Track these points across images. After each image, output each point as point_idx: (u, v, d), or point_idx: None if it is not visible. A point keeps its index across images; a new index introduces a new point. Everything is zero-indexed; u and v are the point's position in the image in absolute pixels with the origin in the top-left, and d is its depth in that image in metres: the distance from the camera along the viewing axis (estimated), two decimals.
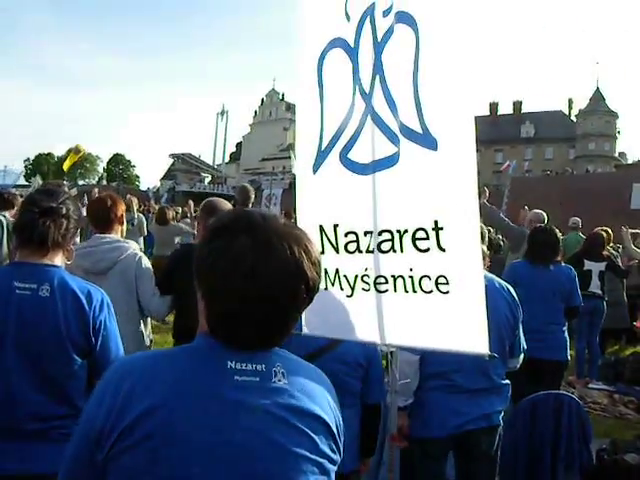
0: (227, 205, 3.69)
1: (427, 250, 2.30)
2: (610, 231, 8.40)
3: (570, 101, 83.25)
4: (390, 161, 2.39)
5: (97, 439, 1.16)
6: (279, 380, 1.22)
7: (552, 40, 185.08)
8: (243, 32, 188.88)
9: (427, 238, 2.29)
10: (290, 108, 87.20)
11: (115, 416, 1.15)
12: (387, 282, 2.44)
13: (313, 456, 1.22)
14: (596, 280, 7.10)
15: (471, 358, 2.63)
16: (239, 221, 1.22)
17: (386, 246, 2.42)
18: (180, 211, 12.60)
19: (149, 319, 3.76)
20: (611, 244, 8.93)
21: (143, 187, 79.89)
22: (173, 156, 73.22)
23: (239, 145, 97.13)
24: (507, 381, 3.13)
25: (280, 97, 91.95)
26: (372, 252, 2.46)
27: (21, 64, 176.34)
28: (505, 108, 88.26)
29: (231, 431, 1.16)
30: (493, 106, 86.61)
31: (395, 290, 2.42)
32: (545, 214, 7.40)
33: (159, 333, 7.79)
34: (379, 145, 2.43)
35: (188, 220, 10.31)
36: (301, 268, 1.19)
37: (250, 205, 6.91)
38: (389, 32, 2.38)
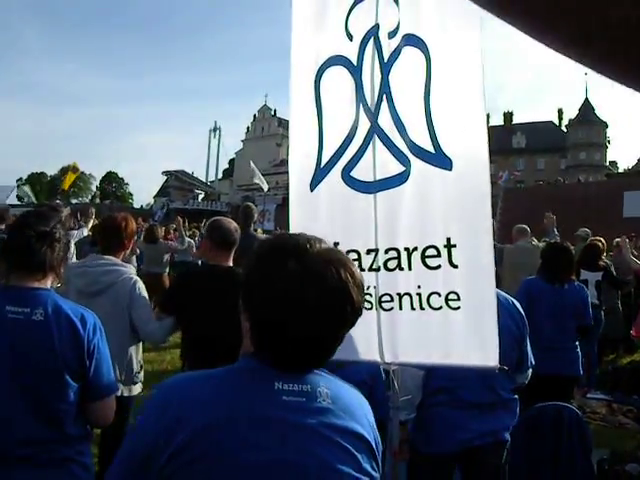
0: (232, 224, 3.69)
1: (438, 267, 2.36)
2: (604, 241, 8.46)
3: (560, 111, 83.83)
4: (398, 180, 2.42)
5: (146, 461, 1.19)
6: (323, 400, 1.26)
7: (540, 50, 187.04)
8: (234, 49, 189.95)
9: (438, 255, 2.35)
10: (282, 124, 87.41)
11: (165, 438, 1.17)
12: (392, 300, 2.45)
13: (357, 474, 1.25)
14: (593, 290, 7.13)
15: (477, 373, 2.67)
16: (287, 246, 1.26)
17: (392, 264, 2.45)
18: (173, 228, 12.56)
19: (140, 344, 3.72)
20: (604, 254, 8.98)
21: (136, 205, 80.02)
22: (166, 173, 73.02)
23: (232, 161, 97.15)
24: (515, 396, 3.10)
25: (272, 113, 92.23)
26: (375, 270, 2.47)
27: (10, 84, 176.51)
28: (496, 119, 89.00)
29: (282, 450, 1.19)
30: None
31: (400, 308, 2.44)
32: (528, 228, 7.55)
33: (156, 350, 7.77)
34: (385, 163, 2.46)
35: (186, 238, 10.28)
36: (348, 292, 1.22)
37: (251, 226, 6.92)
38: (396, 53, 2.43)
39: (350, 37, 2.54)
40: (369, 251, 2.49)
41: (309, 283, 1.19)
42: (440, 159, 2.33)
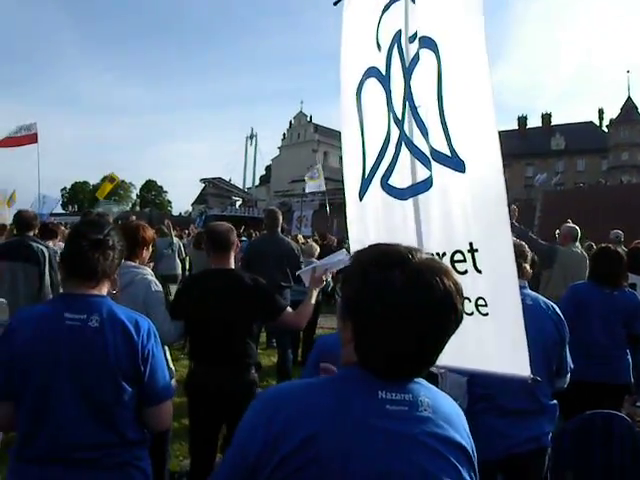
0: (224, 226, 3.90)
1: (465, 272, 2.32)
2: None
3: (601, 111, 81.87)
4: (425, 185, 2.42)
5: (253, 469, 1.21)
6: (425, 409, 1.26)
7: (580, 50, 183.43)
8: (270, 56, 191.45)
9: (464, 260, 2.32)
10: (318, 130, 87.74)
11: (272, 445, 1.19)
12: None
13: None
14: None
15: (519, 381, 2.62)
16: (390, 256, 1.27)
17: None
18: None
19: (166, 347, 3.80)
20: None
21: (175, 212, 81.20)
22: (204, 181, 74.04)
23: (269, 168, 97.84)
24: (554, 401, 3.07)
25: (308, 119, 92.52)
26: None
27: (54, 95, 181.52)
28: (534, 121, 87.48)
29: (389, 460, 1.20)
30: (522, 119, 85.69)
31: None
32: (578, 228, 7.34)
33: (176, 361, 7.80)
34: (414, 170, 2.48)
35: None
36: (453, 300, 1.23)
37: (279, 227, 7.01)
38: (415, 58, 2.42)
39: (379, 47, 2.57)
40: None
41: (415, 294, 1.19)
42: (455, 162, 2.29)
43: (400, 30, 2.47)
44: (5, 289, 5.55)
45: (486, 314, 2.28)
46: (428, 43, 2.35)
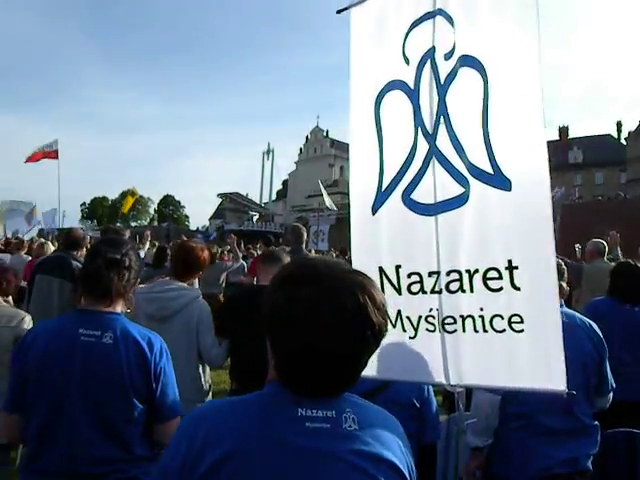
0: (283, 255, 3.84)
1: (499, 289, 2.32)
2: None
3: (619, 124, 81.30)
4: (458, 202, 2.41)
5: None
6: (349, 426, 1.23)
7: (597, 62, 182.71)
8: (285, 71, 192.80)
9: (500, 277, 2.31)
10: (334, 145, 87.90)
11: (190, 465, 1.18)
12: (455, 322, 2.43)
13: None
14: None
15: (553, 397, 2.55)
16: (303, 270, 1.25)
17: (454, 286, 2.43)
18: (228, 250, 12.72)
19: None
20: None
21: (192, 227, 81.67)
22: (221, 196, 74.45)
23: (285, 183, 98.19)
24: (596, 422, 2.98)
25: (324, 134, 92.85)
26: (438, 292, 2.46)
27: (73, 113, 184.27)
28: (551, 134, 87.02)
29: (306, 479, 1.17)
30: None
31: (464, 330, 2.42)
32: (604, 242, 7.25)
33: (214, 370, 7.84)
34: (445, 186, 2.45)
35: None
36: (367, 314, 1.19)
37: (304, 244, 7.01)
38: (452, 74, 2.43)
39: (407, 61, 2.56)
40: (431, 273, 2.48)
41: (325, 307, 1.16)
42: (499, 180, 2.30)
43: (434, 47, 2.49)
44: (40, 302, 5.66)
45: (521, 330, 2.29)
46: (471, 62, 2.38)
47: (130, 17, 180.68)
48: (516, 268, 2.28)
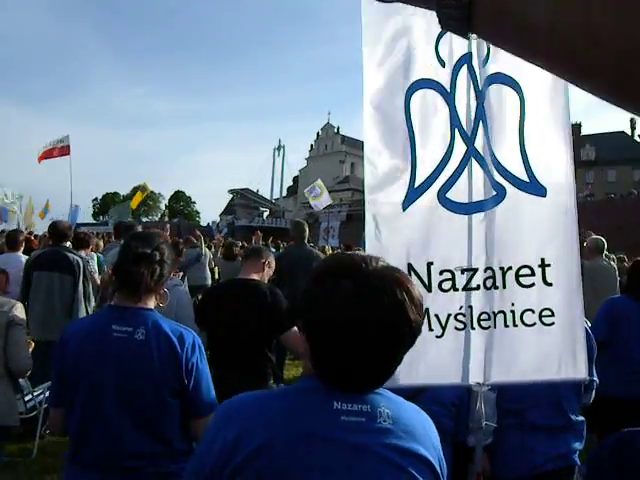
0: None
1: (531, 285, 2.49)
2: None
3: (632, 121, 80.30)
4: (493, 202, 2.51)
5: (209, 478, 1.23)
6: (384, 421, 1.24)
7: None
8: (296, 67, 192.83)
9: (532, 274, 2.49)
10: (345, 141, 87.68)
11: (226, 456, 1.20)
12: (490, 318, 2.49)
13: None
14: None
15: (546, 394, 2.77)
16: (342, 265, 1.26)
17: (488, 283, 2.51)
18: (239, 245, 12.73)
19: None
20: None
21: (203, 222, 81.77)
22: (232, 192, 74.60)
23: (296, 179, 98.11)
24: (582, 418, 3.04)
25: (335, 130, 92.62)
26: (471, 290, 2.51)
27: (85, 110, 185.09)
28: None
29: (341, 472, 1.18)
30: None
31: (495, 326, 2.49)
32: (603, 240, 7.20)
33: None
34: (481, 186, 2.53)
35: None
36: (405, 310, 1.20)
37: (306, 239, 7.05)
38: (489, 81, 2.53)
39: (442, 63, 2.58)
40: (463, 271, 2.52)
41: (364, 302, 1.17)
42: (535, 188, 2.52)
43: (470, 53, 2.54)
44: (41, 298, 5.73)
45: (551, 324, 2.49)
46: (505, 80, 2.54)
47: (141, 14, 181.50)
48: (548, 266, 2.49)
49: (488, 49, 2.54)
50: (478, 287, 2.51)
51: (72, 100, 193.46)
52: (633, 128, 79.51)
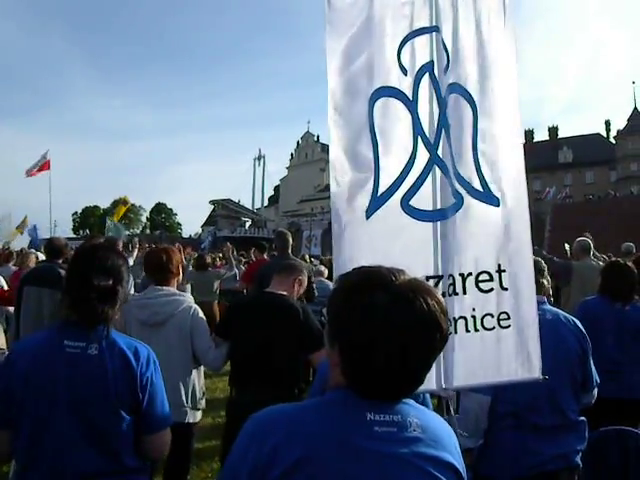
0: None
1: (490, 290, 2.59)
2: None
3: (607, 123, 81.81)
4: (453, 209, 2.56)
5: None
6: (414, 430, 1.27)
7: (584, 62, 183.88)
8: (273, 76, 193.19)
9: (491, 280, 2.59)
10: (325, 149, 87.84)
11: (262, 469, 1.21)
12: (451, 324, 2.49)
13: None
14: None
15: (542, 394, 2.78)
16: (373, 279, 1.28)
17: (450, 290, 2.54)
18: (220, 256, 12.72)
19: (202, 369, 3.82)
20: None
21: (185, 234, 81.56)
22: (213, 202, 74.55)
23: (277, 188, 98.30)
24: (582, 418, 3.03)
25: (315, 139, 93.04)
26: None
27: (63, 123, 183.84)
28: (541, 134, 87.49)
29: None
30: (528, 133, 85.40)
31: (456, 332, 2.52)
32: (589, 240, 7.26)
33: (209, 377, 7.82)
34: (444, 194, 2.56)
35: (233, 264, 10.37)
36: (437, 319, 1.24)
37: (289, 249, 7.04)
38: (449, 91, 2.60)
39: (404, 71, 2.59)
40: (428, 278, 2.51)
41: (399, 313, 1.21)
42: (488, 197, 2.63)
43: (432, 61, 2.59)
44: (31, 313, 5.64)
45: (507, 326, 2.58)
46: (461, 91, 2.65)
47: (116, 25, 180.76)
48: (504, 271, 2.60)
49: (448, 58, 2.61)
50: (443, 294, 2.51)
51: (48, 114, 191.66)
52: (608, 130, 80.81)
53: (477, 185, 2.61)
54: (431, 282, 2.51)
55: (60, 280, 5.72)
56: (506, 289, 2.58)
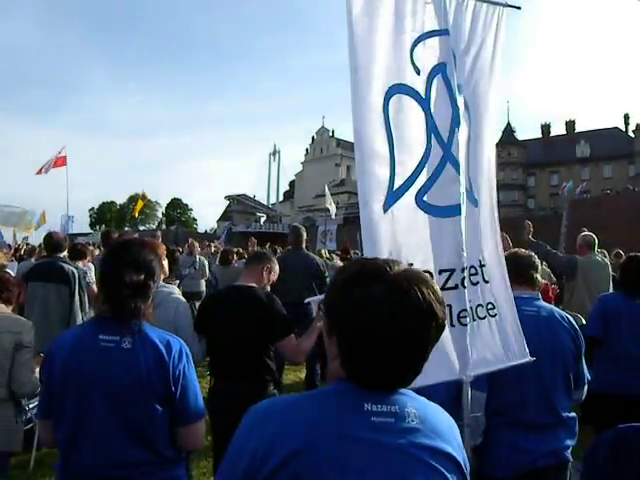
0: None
1: (477, 283, 2.82)
2: None
3: (626, 116, 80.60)
4: (462, 207, 2.73)
5: (246, 478, 1.24)
6: (412, 420, 1.28)
7: (602, 54, 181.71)
8: (289, 72, 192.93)
9: (476, 273, 2.83)
10: (340, 144, 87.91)
11: (260, 459, 1.22)
12: (468, 314, 2.68)
13: None
14: None
15: (533, 391, 2.87)
16: (368, 270, 1.30)
17: (465, 282, 2.68)
18: (237, 251, 12.83)
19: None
20: None
21: (201, 229, 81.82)
22: (229, 198, 74.65)
23: (292, 183, 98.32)
24: (573, 414, 3.05)
25: (330, 134, 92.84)
26: (449, 289, 2.62)
27: (82, 120, 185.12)
28: (558, 129, 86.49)
29: (375, 473, 1.21)
30: (545, 127, 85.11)
31: (473, 320, 2.71)
32: (594, 236, 7.16)
33: (203, 378, 7.82)
34: (455, 190, 2.69)
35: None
36: (432, 308, 1.25)
37: (304, 243, 7.07)
38: (459, 91, 2.76)
39: (417, 71, 2.66)
40: (441, 271, 2.62)
41: (395, 303, 1.22)
42: (471, 197, 2.87)
43: (444, 63, 2.71)
44: (37, 309, 5.70)
45: (495, 315, 2.84)
46: (464, 92, 2.84)
47: (134, 22, 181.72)
48: (484, 265, 2.87)
49: (454, 59, 2.76)
50: (456, 286, 2.64)
51: (66, 110, 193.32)
52: (627, 124, 79.66)
53: (467, 185, 2.83)
54: (443, 276, 2.63)
55: (64, 275, 5.80)
56: (487, 282, 2.86)
